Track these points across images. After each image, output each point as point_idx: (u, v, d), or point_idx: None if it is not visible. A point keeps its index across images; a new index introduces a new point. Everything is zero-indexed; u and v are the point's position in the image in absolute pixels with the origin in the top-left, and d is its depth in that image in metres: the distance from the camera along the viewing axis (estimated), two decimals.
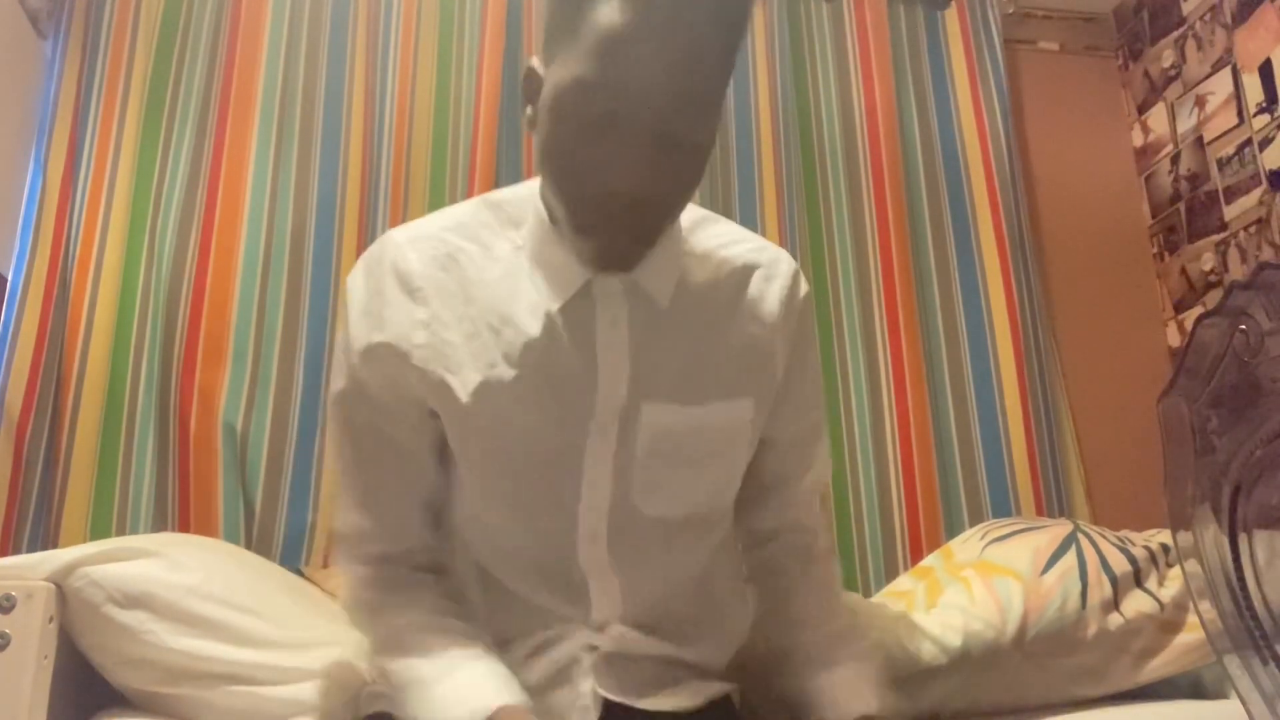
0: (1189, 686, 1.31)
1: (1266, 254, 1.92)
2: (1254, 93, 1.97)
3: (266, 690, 1.01)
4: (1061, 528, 1.40)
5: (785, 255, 1.02)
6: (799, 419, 1.03)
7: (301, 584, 1.32)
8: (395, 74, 1.88)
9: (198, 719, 1.02)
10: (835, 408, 1.87)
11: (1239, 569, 0.89)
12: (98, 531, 1.57)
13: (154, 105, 1.79)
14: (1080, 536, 1.36)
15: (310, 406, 1.69)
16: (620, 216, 0.81)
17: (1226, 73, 2.04)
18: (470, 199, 1.00)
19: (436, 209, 1.02)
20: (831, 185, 2.00)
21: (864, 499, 1.82)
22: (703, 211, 1.02)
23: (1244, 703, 0.89)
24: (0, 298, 1.65)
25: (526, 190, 0.95)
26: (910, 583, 1.41)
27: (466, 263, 0.92)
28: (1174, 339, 2.16)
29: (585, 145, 0.80)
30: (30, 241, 1.68)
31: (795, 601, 1.03)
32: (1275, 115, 1.92)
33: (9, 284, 1.67)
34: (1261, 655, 0.88)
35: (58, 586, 0.98)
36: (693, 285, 0.94)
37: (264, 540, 1.61)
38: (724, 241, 0.99)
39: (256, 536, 1.60)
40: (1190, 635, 1.27)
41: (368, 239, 1.77)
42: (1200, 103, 2.11)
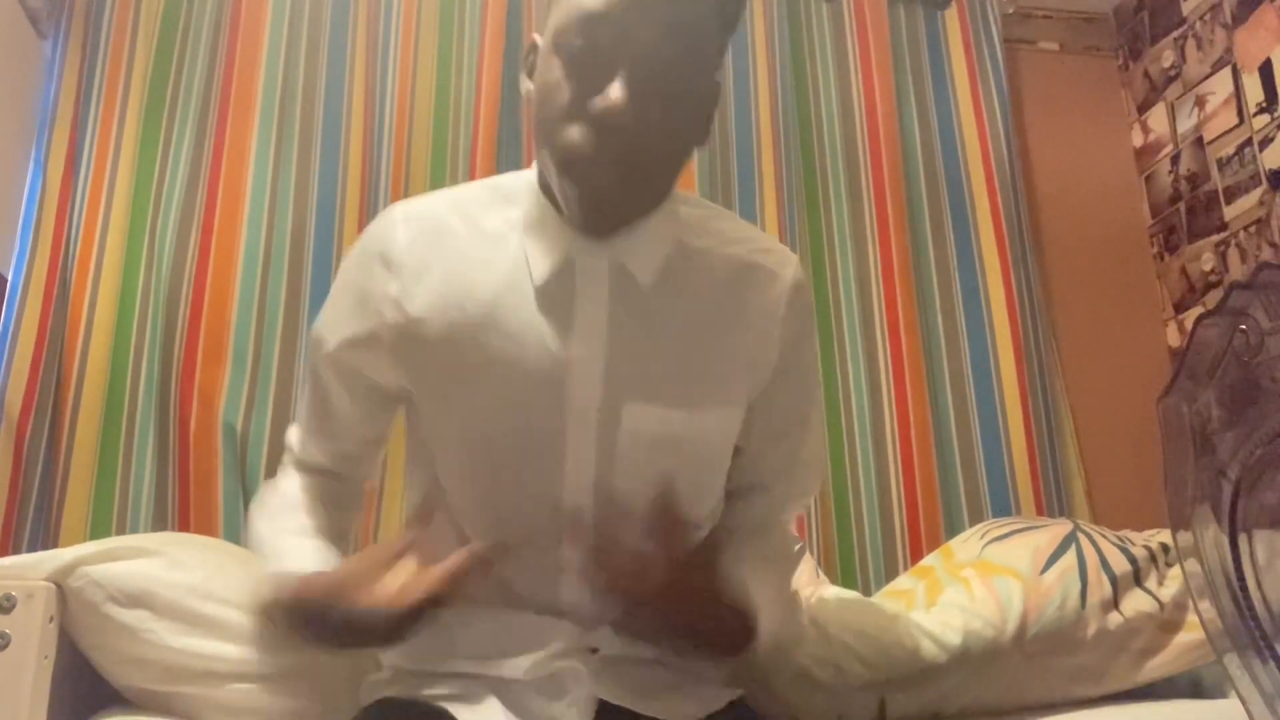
0: (1189, 686, 1.31)
1: (1266, 254, 1.92)
2: (1254, 93, 1.97)
3: (267, 687, 1.01)
4: (1061, 527, 1.40)
5: (791, 258, 1.00)
6: (785, 428, 1.01)
7: None
8: (395, 74, 1.88)
9: (198, 718, 1.02)
10: (835, 408, 1.87)
11: (1239, 569, 0.89)
12: (98, 531, 1.57)
13: (154, 105, 1.79)
14: (1080, 536, 1.36)
15: None
16: (609, 149, 0.82)
17: (1226, 73, 2.04)
18: (476, 180, 1.01)
19: (436, 191, 1.03)
20: (831, 185, 2.00)
21: (864, 499, 1.82)
22: (714, 207, 1.01)
23: (1244, 702, 0.89)
24: (0, 298, 1.65)
25: (528, 174, 0.96)
26: (910, 582, 1.41)
27: (452, 240, 0.93)
28: (1174, 339, 2.16)
29: (580, 73, 0.82)
30: (30, 241, 1.68)
31: (736, 559, 1.00)
32: (1275, 115, 1.92)
33: (9, 284, 1.67)
34: (1261, 655, 0.88)
35: (58, 586, 0.98)
36: (684, 277, 0.93)
37: None
38: (729, 239, 0.98)
39: None
40: (1190, 635, 1.27)
41: (370, 224, 1.77)
42: (1200, 103, 2.11)
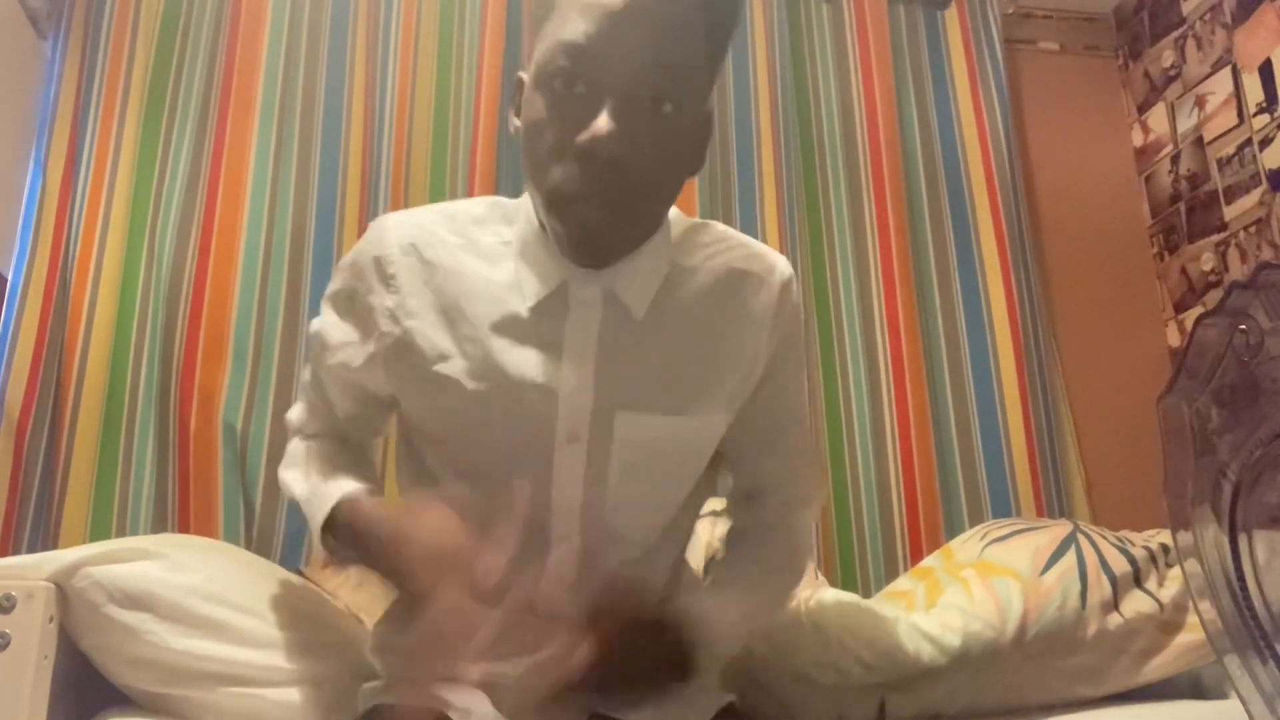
0: (1189, 686, 1.31)
1: (1266, 254, 1.92)
2: (1254, 93, 1.97)
3: (267, 691, 1.01)
4: (1061, 528, 1.40)
5: (779, 262, 1.01)
6: (776, 418, 1.03)
7: (302, 584, 1.32)
8: (395, 74, 1.88)
9: (199, 719, 1.02)
10: (835, 408, 1.87)
11: (1239, 569, 0.89)
12: (98, 531, 1.57)
13: (154, 105, 1.80)
14: (1080, 537, 1.36)
15: None
16: (596, 185, 0.81)
17: (1226, 73, 2.04)
18: (481, 197, 1.02)
19: (434, 204, 1.04)
20: (831, 185, 2.00)
21: (864, 499, 1.82)
22: (694, 222, 1.01)
23: (1244, 703, 0.89)
24: (0, 298, 1.65)
25: (526, 198, 0.96)
26: (910, 583, 1.41)
27: (445, 254, 0.94)
28: (1174, 339, 2.16)
29: (564, 108, 0.82)
30: (30, 241, 1.68)
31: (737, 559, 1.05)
32: (1275, 115, 1.92)
33: (9, 284, 1.67)
34: (1261, 655, 0.88)
35: (58, 586, 0.98)
36: (675, 300, 0.94)
37: (264, 540, 1.61)
38: (715, 250, 0.98)
39: (256, 536, 1.60)
40: (1190, 635, 1.27)
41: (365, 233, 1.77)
42: (1200, 103, 2.11)
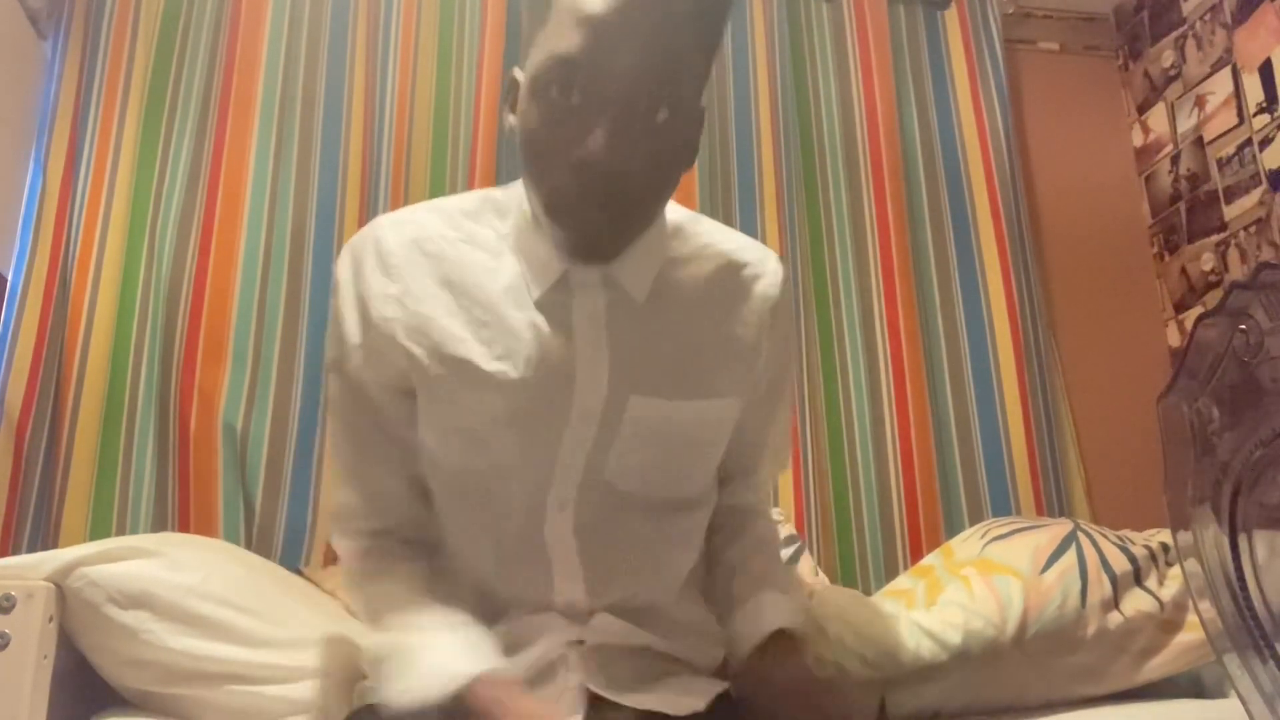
0: (1189, 686, 1.31)
1: (1266, 254, 1.92)
2: (1254, 93, 1.97)
3: (266, 689, 1.01)
4: (1061, 527, 1.40)
5: (771, 254, 1.02)
6: (769, 417, 1.05)
7: (301, 584, 1.32)
8: (395, 74, 1.88)
9: (198, 719, 1.02)
10: (835, 408, 1.87)
11: (1239, 569, 0.89)
12: (98, 531, 1.57)
13: (154, 105, 1.80)
14: (1080, 535, 1.36)
15: (310, 406, 1.69)
16: (594, 195, 0.82)
17: (1226, 73, 2.04)
18: (468, 191, 1.02)
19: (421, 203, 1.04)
20: (831, 185, 2.00)
21: (864, 499, 1.82)
22: (688, 212, 1.02)
23: (1244, 702, 0.89)
24: (0, 298, 1.65)
25: (519, 187, 0.96)
26: (910, 582, 1.41)
27: (445, 246, 0.94)
28: (1174, 339, 2.16)
29: (560, 121, 0.82)
30: (30, 241, 1.68)
31: (730, 551, 1.05)
32: (1275, 115, 1.92)
33: (9, 284, 1.67)
34: (1261, 655, 0.88)
35: (58, 586, 0.98)
36: (675, 285, 0.95)
37: (264, 540, 1.61)
38: (709, 241, 1.00)
39: (256, 536, 1.60)
40: (1190, 635, 1.27)
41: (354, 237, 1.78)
42: (1200, 103, 2.11)
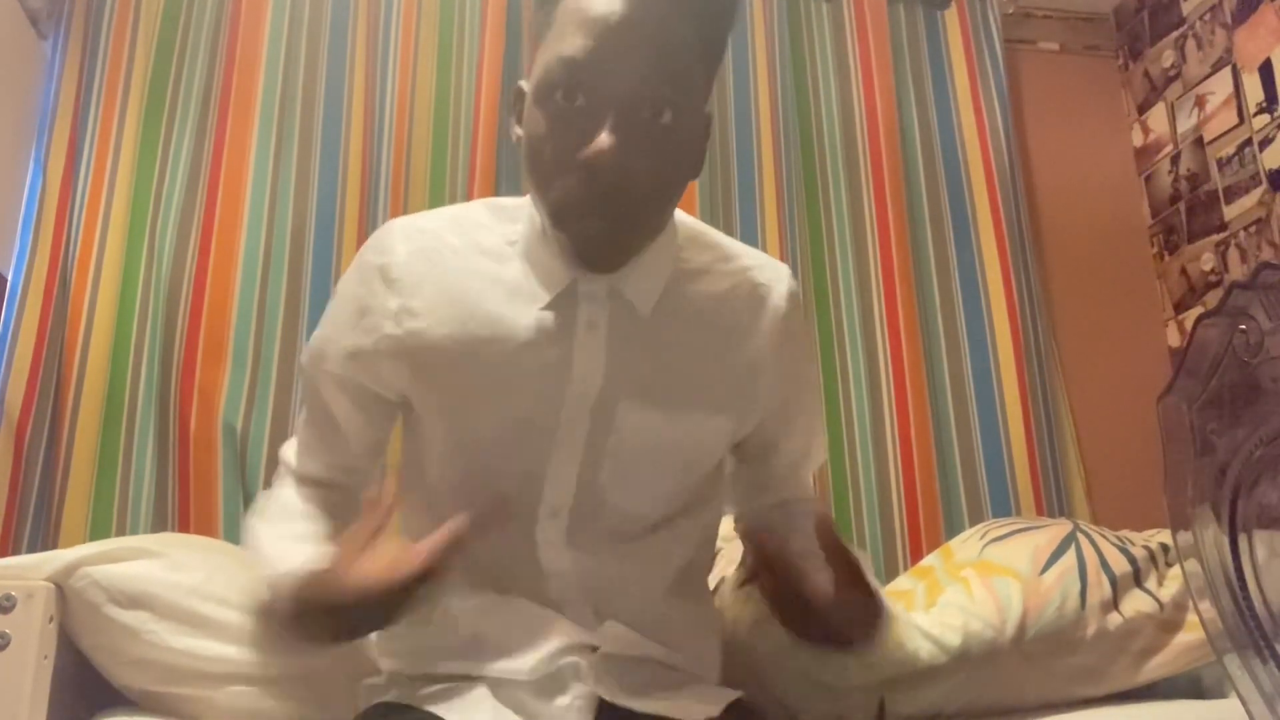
0: (1189, 686, 1.30)
1: (1266, 254, 1.92)
2: (1254, 93, 1.97)
3: (267, 689, 1.01)
4: (1061, 527, 1.40)
5: (782, 273, 1.02)
6: (790, 426, 1.05)
7: None
8: (395, 74, 1.88)
9: (199, 718, 1.02)
10: (835, 408, 1.87)
11: (1239, 569, 0.89)
12: (98, 531, 1.57)
13: (154, 105, 1.79)
14: (1080, 536, 1.36)
15: None
16: (598, 198, 0.82)
17: (1226, 73, 2.04)
18: (477, 200, 1.02)
19: (437, 209, 1.04)
20: (831, 185, 2.00)
21: (864, 499, 1.82)
22: (699, 225, 1.02)
23: (1244, 703, 0.89)
24: (0, 298, 1.65)
25: (528, 200, 0.97)
26: (910, 583, 1.41)
27: (451, 256, 0.94)
28: (1174, 339, 2.16)
29: (564, 124, 0.83)
30: (30, 241, 1.68)
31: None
32: (1275, 115, 1.92)
33: (9, 284, 1.67)
34: (1261, 655, 0.88)
35: (58, 586, 0.98)
36: (683, 300, 0.95)
37: None
38: (720, 256, 1.00)
39: None
40: (1190, 635, 1.26)
41: (367, 239, 1.77)
42: (1200, 103, 2.11)
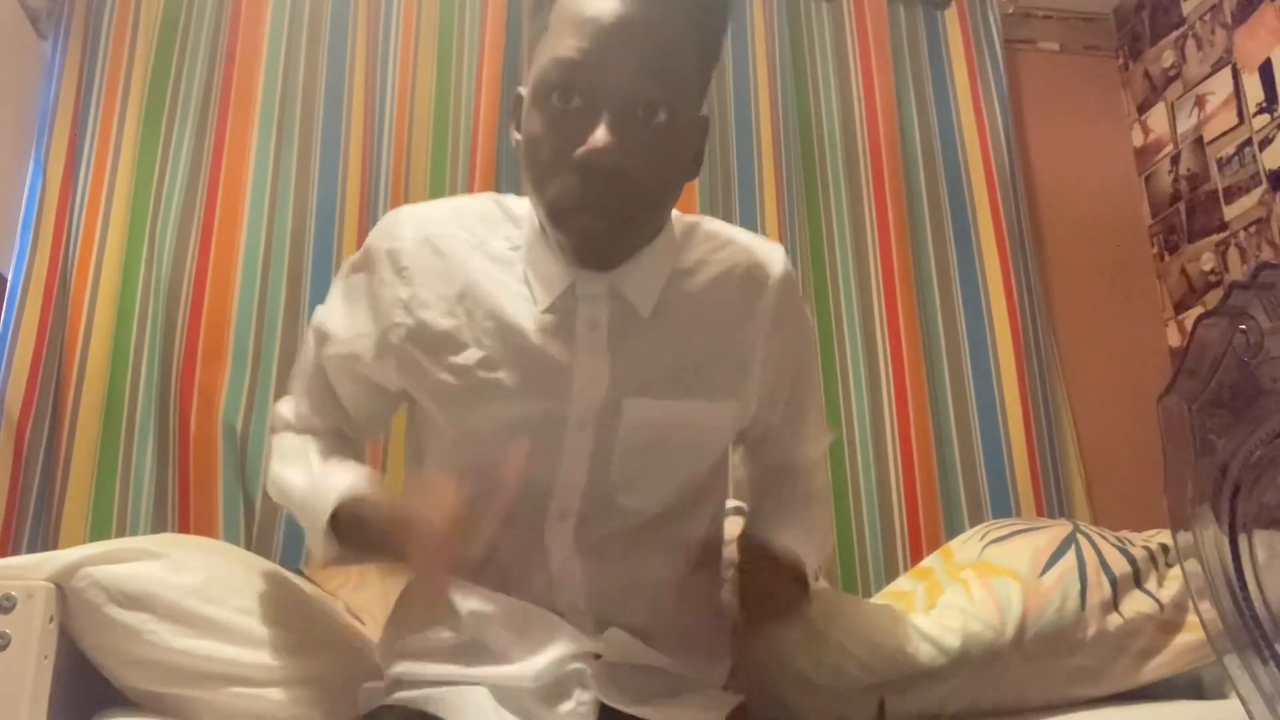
0: (1189, 686, 1.30)
1: (1266, 254, 1.92)
2: (1254, 93, 1.97)
3: (268, 690, 1.01)
4: (1061, 528, 1.40)
5: (778, 254, 1.03)
6: (795, 405, 1.08)
7: (302, 584, 1.32)
8: (395, 74, 1.88)
9: (199, 719, 1.02)
10: (835, 408, 1.87)
11: (1239, 569, 0.89)
12: (98, 531, 1.57)
13: (154, 105, 1.80)
14: (1079, 537, 1.36)
15: None
16: (596, 196, 0.84)
17: (1226, 73, 2.04)
18: (483, 193, 1.04)
19: (442, 199, 1.06)
20: (831, 185, 2.00)
21: (864, 499, 1.82)
22: (694, 219, 1.03)
23: (1244, 703, 0.89)
24: (0, 298, 1.65)
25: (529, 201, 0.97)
26: (910, 584, 1.41)
27: (458, 247, 0.96)
28: (1174, 339, 2.16)
29: (561, 124, 0.84)
30: (30, 241, 1.68)
31: (768, 498, 1.11)
32: (1275, 115, 1.92)
33: (9, 284, 1.67)
34: (1261, 655, 0.88)
35: (58, 587, 0.98)
36: (682, 296, 0.96)
37: (264, 540, 1.61)
38: (716, 244, 1.01)
39: (256, 536, 1.60)
40: (1190, 635, 1.26)
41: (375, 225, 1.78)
42: (1200, 103, 2.11)
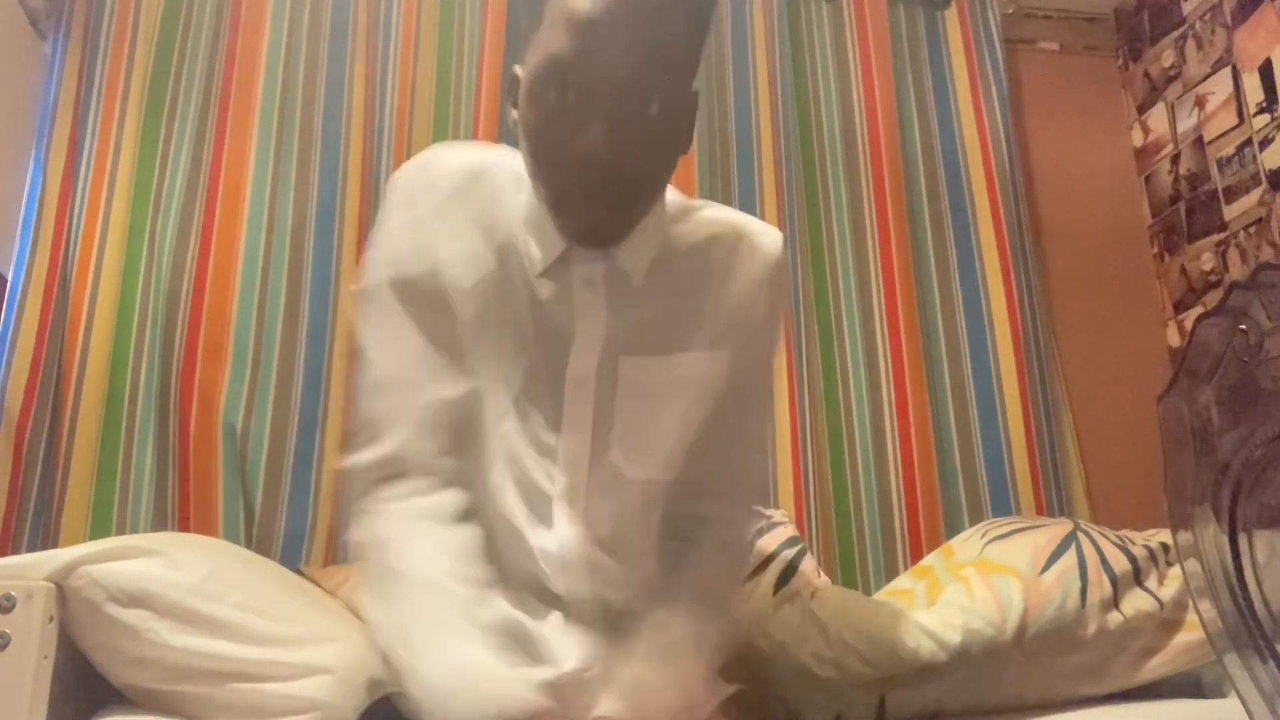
0: (1189, 686, 1.31)
1: (1266, 254, 1.92)
2: (1254, 93, 1.97)
3: (269, 687, 1.01)
4: (1061, 527, 1.40)
5: (773, 230, 1.06)
6: (746, 406, 1.06)
7: (302, 582, 1.32)
8: (395, 74, 1.88)
9: (200, 717, 1.02)
10: (835, 408, 1.87)
11: (1239, 569, 0.89)
12: (98, 531, 1.57)
13: (154, 105, 1.79)
14: (1080, 535, 1.36)
15: (310, 406, 1.69)
16: (595, 189, 0.86)
17: (1226, 73, 2.04)
18: (502, 147, 1.05)
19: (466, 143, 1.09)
20: (831, 185, 2.00)
21: (864, 499, 1.82)
22: (690, 201, 1.06)
23: (1244, 702, 0.89)
24: (0, 298, 1.65)
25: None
26: (910, 582, 1.41)
27: (488, 186, 0.99)
28: (1174, 339, 2.16)
29: (558, 122, 0.86)
30: (30, 241, 1.68)
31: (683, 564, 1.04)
32: (1275, 115, 1.92)
33: (9, 284, 1.67)
34: (1261, 654, 0.88)
35: (58, 586, 0.98)
36: (672, 265, 0.99)
37: (264, 540, 1.61)
38: (706, 219, 1.04)
39: (256, 536, 1.60)
40: (1190, 634, 1.27)
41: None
42: (1200, 103, 2.11)
